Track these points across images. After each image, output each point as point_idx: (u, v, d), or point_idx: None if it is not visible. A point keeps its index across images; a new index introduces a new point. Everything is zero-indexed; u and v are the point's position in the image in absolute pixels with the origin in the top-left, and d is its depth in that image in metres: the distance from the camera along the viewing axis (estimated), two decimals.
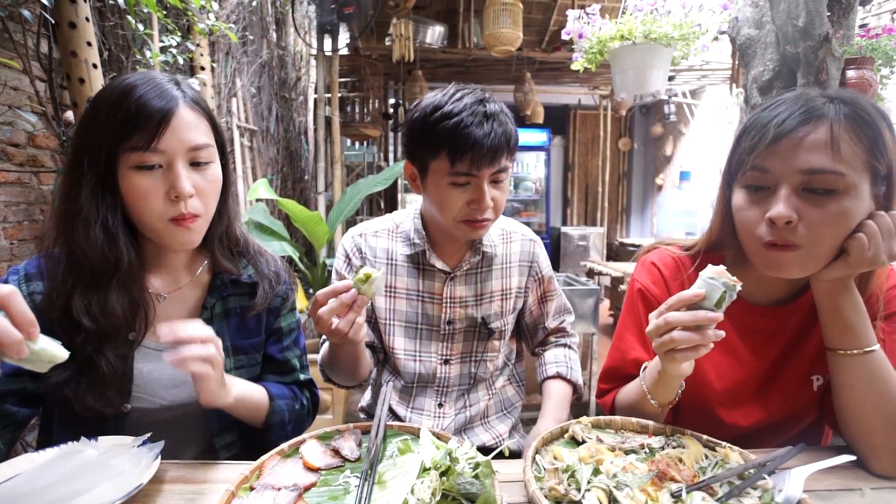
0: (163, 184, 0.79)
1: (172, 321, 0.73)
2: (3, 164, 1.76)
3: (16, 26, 1.68)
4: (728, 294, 0.71)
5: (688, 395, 0.89)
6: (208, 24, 2.48)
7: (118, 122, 0.76)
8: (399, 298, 1.18)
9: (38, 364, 0.64)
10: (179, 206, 0.79)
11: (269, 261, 1.02)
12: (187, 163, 0.81)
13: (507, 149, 1.00)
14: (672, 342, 0.72)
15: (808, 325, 0.92)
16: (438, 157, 1.00)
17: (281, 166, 4.14)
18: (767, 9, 1.82)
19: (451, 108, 0.98)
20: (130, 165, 0.77)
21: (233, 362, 0.95)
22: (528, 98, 5.26)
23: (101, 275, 0.80)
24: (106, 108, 0.77)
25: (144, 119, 0.76)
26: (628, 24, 2.10)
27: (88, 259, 0.79)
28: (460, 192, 1.01)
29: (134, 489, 0.66)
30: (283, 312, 1.03)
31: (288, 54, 4.27)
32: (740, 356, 0.93)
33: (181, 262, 0.94)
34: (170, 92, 0.79)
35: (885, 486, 0.76)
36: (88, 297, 0.80)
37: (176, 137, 0.78)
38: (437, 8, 4.95)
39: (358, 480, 0.71)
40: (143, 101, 0.76)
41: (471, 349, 1.21)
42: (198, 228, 0.84)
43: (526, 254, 1.24)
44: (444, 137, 0.97)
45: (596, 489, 0.67)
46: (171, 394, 0.89)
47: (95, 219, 0.78)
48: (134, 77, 0.79)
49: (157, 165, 0.78)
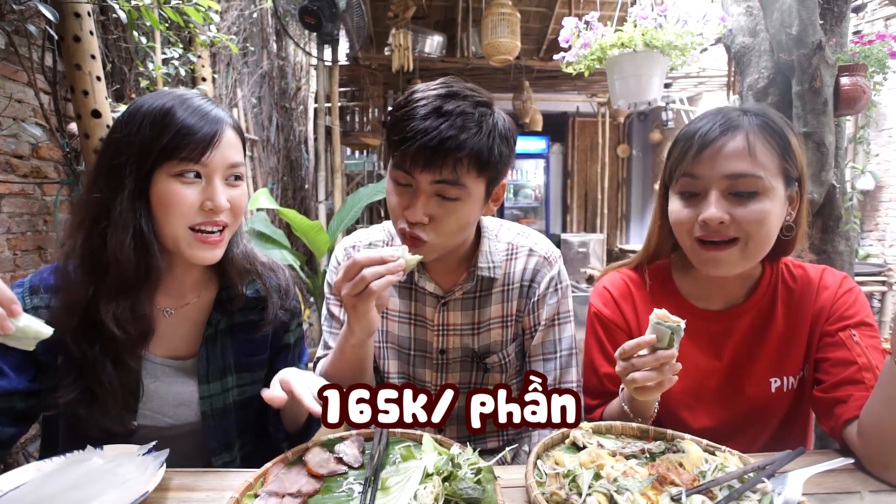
0: (199, 195, 0.82)
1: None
2: (8, 176, 1.78)
3: (21, 40, 1.71)
4: (675, 334, 0.78)
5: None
6: (209, 36, 2.51)
7: (167, 137, 0.79)
8: (391, 321, 1.09)
9: (24, 341, 0.67)
10: (213, 218, 0.83)
11: (277, 274, 1.02)
12: (224, 179, 0.85)
13: (454, 157, 0.83)
14: (635, 382, 0.78)
15: (760, 327, 0.96)
16: (391, 146, 0.91)
17: (281, 176, 4.16)
18: (761, 17, 1.85)
19: (417, 97, 0.88)
20: (171, 174, 0.80)
21: (235, 379, 0.95)
22: (526, 106, 5.30)
23: (133, 282, 0.81)
24: (150, 123, 0.79)
25: (195, 136, 0.80)
26: (629, 32, 2.12)
27: (122, 266, 0.80)
28: (399, 192, 0.91)
29: (140, 497, 0.67)
30: (292, 328, 1.03)
31: (288, 64, 4.31)
32: (695, 360, 0.97)
33: (190, 278, 0.94)
34: (218, 115, 0.84)
35: (884, 490, 0.76)
36: (119, 304, 0.81)
37: (220, 154, 0.83)
38: (436, 18, 5.01)
39: (361, 487, 0.72)
40: (192, 122, 0.80)
41: (469, 380, 1.10)
42: (223, 243, 0.87)
43: (529, 272, 1.07)
44: (394, 125, 0.88)
45: (597, 493, 0.67)
46: (178, 412, 0.90)
47: (131, 225, 0.80)
48: (176, 96, 0.83)
49: (197, 177, 0.82)
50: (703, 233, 0.86)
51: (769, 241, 0.87)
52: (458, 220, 0.91)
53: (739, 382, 0.96)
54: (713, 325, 0.98)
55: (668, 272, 1.04)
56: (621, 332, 1.01)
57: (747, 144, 0.83)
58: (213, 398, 0.92)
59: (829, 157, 1.70)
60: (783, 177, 0.86)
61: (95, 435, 0.82)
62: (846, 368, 0.87)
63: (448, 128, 0.83)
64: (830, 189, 1.74)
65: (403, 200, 0.90)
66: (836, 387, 0.87)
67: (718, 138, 0.85)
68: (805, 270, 0.99)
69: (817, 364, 0.93)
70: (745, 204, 0.84)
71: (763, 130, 0.85)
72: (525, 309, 1.08)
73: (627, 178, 8.09)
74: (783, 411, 0.97)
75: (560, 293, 1.07)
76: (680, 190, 0.90)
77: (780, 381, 0.95)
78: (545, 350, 1.08)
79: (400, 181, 0.90)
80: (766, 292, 0.97)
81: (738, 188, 0.84)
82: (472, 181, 0.88)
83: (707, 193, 0.86)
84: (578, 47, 2.21)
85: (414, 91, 0.91)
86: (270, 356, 1.01)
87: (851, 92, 1.74)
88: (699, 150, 0.86)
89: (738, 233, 0.85)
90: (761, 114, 0.88)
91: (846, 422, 0.84)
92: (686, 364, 0.94)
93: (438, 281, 1.06)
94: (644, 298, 1.03)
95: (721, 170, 0.84)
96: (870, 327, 0.91)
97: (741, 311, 0.97)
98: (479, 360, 1.08)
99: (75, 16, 1.50)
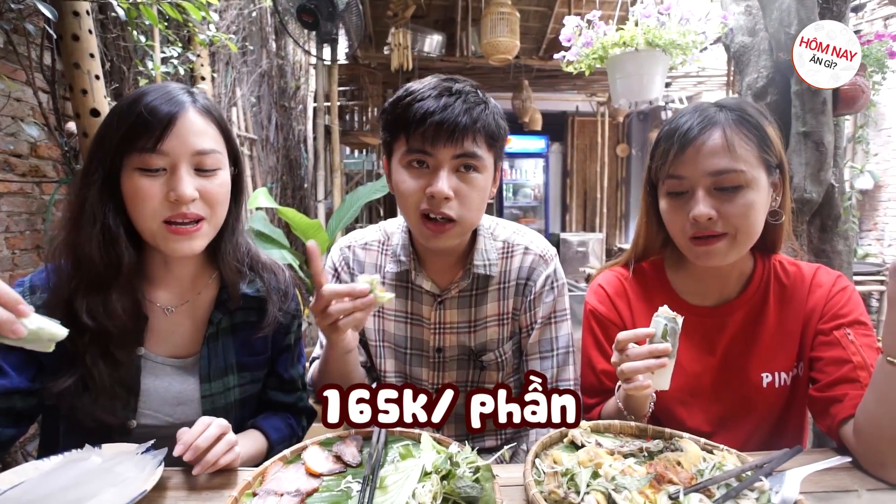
0: (164, 186, 0.79)
1: (184, 433, 0.76)
2: (6, 175, 1.78)
3: (20, 39, 1.70)
4: (669, 325, 0.81)
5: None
6: (209, 35, 2.51)
7: (127, 125, 0.78)
8: (387, 320, 1.09)
9: (40, 343, 0.64)
10: (179, 209, 0.80)
11: (277, 275, 1.01)
12: (192, 167, 0.81)
13: (472, 130, 0.89)
14: (623, 374, 0.81)
15: (752, 322, 0.97)
16: (398, 137, 0.93)
17: (281, 175, 4.16)
18: (761, 17, 1.85)
19: (418, 86, 0.92)
20: (134, 167, 0.78)
21: (237, 379, 0.95)
22: (526, 105, 5.30)
23: (103, 276, 0.81)
24: (118, 114, 0.79)
25: (151, 121, 0.77)
26: (631, 31, 2.12)
27: (90, 259, 0.80)
28: (416, 174, 0.92)
29: (138, 495, 0.67)
30: (292, 329, 1.03)
31: (287, 64, 4.31)
32: (689, 356, 0.98)
33: (188, 275, 0.93)
34: (179, 97, 0.81)
35: (881, 488, 0.76)
36: (91, 298, 0.81)
37: (180, 140, 0.79)
38: (435, 17, 5.00)
39: (360, 485, 0.72)
40: (152, 105, 0.78)
41: (466, 378, 1.10)
42: (201, 235, 0.84)
43: (525, 269, 1.07)
44: (401, 113, 0.90)
45: (595, 492, 0.68)
46: (177, 411, 0.90)
47: (98, 219, 0.80)
48: (149, 86, 0.82)
49: (160, 169, 0.79)
50: (695, 230, 0.89)
51: (756, 230, 0.90)
52: (480, 193, 0.94)
53: (732, 377, 0.97)
54: (706, 321, 0.99)
55: (661, 268, 1.05)
56: (617, 329, 1.01)
57: (725, 140, 0.86)
58: (215, 397, 0.93)
59: (827, 156, 1.70)
60: (764, 166, 0.89)
61: (93, 429, 0.82)
62: (841, 367, 0.87)
63: (462, 103, 0.89)
64: (829, 188, 1.74)
65: (422, 181, 0.91)
66: (832, 386, 0.87)
67: (697, 137, 0.87)
68: (799, 268, 1.00)
69: (812, 363, 0.94)
70: (731, 199, 0.87)
71: (739, 124, 0.88)
72: (521, 307, 1.08)
73: (627, 178, 8.09)
74: (777, 408, 0.97)
75: (556, 291, 1.07)
76: (668, 191, 0.93)
77: (771, 377, 0.96)
78: (542, 348, 1.08)
79: (415, 163, 0.91)
80: (758, 288, 0.98)
81: (722, 184, 0.87)
82: (486, 154, 0.93)
83: (694, 192, 0.89)
84: (580, 46, 2.21)
85: (409, 85, 0.93)
86: (272, 357, 1.01)
87: (850, 91, 1.74)
88: (680, 151, 0.89)
89: (727, 227, 0.88)
90: (736, 107, 0.90)
91: (842, 420, 0.84)
92: (680, 361, 0.95)
93: (435, 279, 1.06)
94: (638, 295, 1.04)
95: (704, 168, 0.87)
96: (864, 326, 0.91)
97: (734, 306, 0.98)
98: (475, 358, 1.08)
99: (74, 14, 1.49)
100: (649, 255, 1.07)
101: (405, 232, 1.07)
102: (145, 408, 0.87)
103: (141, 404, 0.87)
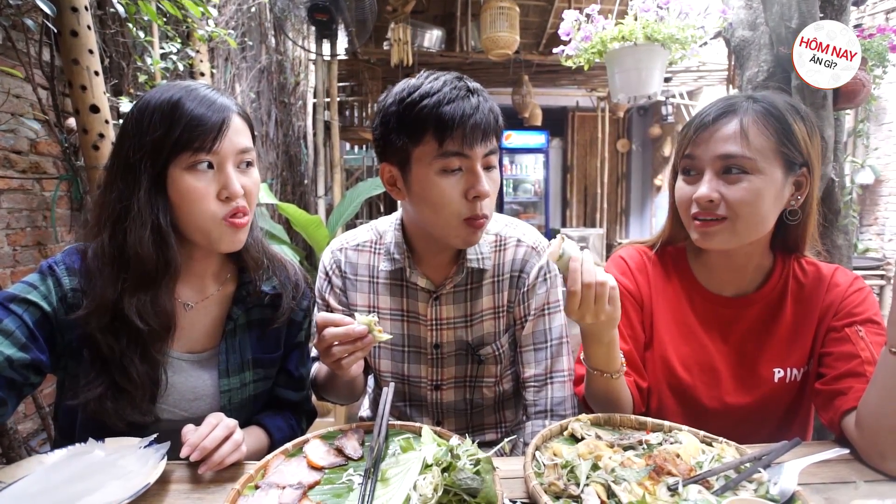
0: (214, 184, 0.83)
1: (189, 432, 0.77)
2: (6, 171, 1.78)
3: (18, 35, 1.70)
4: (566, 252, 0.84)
5: (663, 383, 1.00)
6: (208, 31, 2.50)
7: (180, 128, 0.79)
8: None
9: None
10: (232, 205, 0.84)
11: (287, 268, 1.02)
12: (235, 165, 0.85)
13: (495, 127, 0.90)
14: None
15: (768, 318, 0.98)
16: (422, 141, 0.88)
17: (281, 171, 4.15)
18: (761, 11, 1.84)
19: (430, 87, 0.87)
20: (185, 167, 0.80)
21: (252, 375, 0.96)
22: (526, 101, 5.29)
23: (154, 275, 0.82)
24: (159, 119, 0.80)
25: (205, 125, 0.80)
26: (630, 25, 2.11)
27: (142, 260, 0.81)
28: (454, 181, 0.89)
29: (142, 488, 0.67)
30: (304, 327, 1.04)
31: (287, 59, 4.29)
32: (702, 342, 0.99)
33: (209, 271, 0.94)
34: (222, 101, 0.85)
35: (880, 479, 0.77)
36: (141, 297, 0.82)
37: (230, 141, 0.83)
38: (435, 12, 4.99)
39: (361, 478, 0.73)
40: (198, 112, 0.80)
41: (464, 374, 1.11)
42: (247, 228, 0.88)
43: (518, 262, 1.07)
44: (427, 116, 0.86)
45: (595, 484, 0.68)
46: (194, 406, 0.91)
47: (149, 221, 0.81)
48: (179, 88, 0.83)
49: (208, 165, 0.82)
50: (697, 210, 0.92)
51: (757, 220, 0.90)
52: (498, 186, 0.95)
53: (744, 370, 0.98)
54: (722, 310, 1.00)
55: (683, 254, 1.07)
56: (632, 301, 1.03)
57: (740, 127, 0.88)
58: (233, 392, 0.94)
59: (828, 150, 1.70)
60: (781, 161, 0.88)
61: (118, 428, 0.82)
62: (849, 361, 0.88)
63: (485, 101, 0.90)
64: (829, 183, 1.74)
65: (460, 186, 0.90)
66: (838, 379, 0.88)
67: (714, 122, 0.90)
68: (817, 267, 1.00)
69: (821, 358, 0.94)
70: (735, 183, 0.88)
71: (761, 115, 0.88)
72: (516, 299, 1.08)
73: (627, 173, 8.09)
74: (786, 402, 0.98)
75: (549, 283, 1.07)
76: (681, 168, 0.96)
77: (783, 372, 0.96)
78: (535, 340, 1.08)
79: (451, 167, 0.89)
80: (776, 285, 0.99)
81: (729, 169, 0.89)
82: (497, 147, 0.95)
83: (702, 173, 0.91)
84: (579, 40, 2.20)
85: (416, 85, 0.89)
86: (284, 353, 1.02)
87: (851, 85, 1.72)
88: (696, 132, 0.92)
89: (727, 212, 0.89)
90: (765, 100, 0.91)
91: (844, 412, 0.85)
92: (692, 345, 1.01)
93: (429, 275, 1.06)
94: (659, 275, 1.06)
95: (714, 151, 0.89)
96: (877, 325, 0.92)
97: (751, 300, 0.99)
98: (473, 353, 1.09)
99: (73, 10, 1.49)
100: (676, 241, 1.08)
101: (398, 230, 1.06)
102: (164, 403, 0.89)
103: (160, 400, 0.88)
